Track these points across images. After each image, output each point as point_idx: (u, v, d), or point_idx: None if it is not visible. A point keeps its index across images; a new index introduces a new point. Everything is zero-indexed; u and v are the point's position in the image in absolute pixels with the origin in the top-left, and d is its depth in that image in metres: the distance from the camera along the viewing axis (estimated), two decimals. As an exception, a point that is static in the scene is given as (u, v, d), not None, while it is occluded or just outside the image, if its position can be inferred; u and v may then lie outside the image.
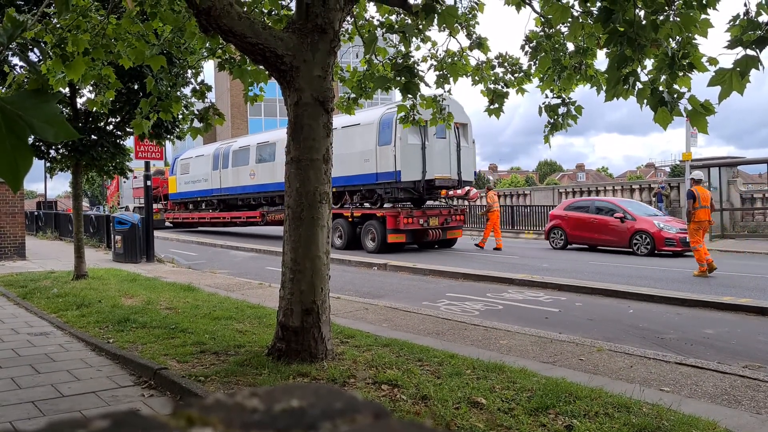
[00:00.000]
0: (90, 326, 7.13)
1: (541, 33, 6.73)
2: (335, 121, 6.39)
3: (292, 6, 6.61)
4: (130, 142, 12.65)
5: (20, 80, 6.34)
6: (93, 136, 10.49)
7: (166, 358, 5.56)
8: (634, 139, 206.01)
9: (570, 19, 5.51)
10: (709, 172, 24.38)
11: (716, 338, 6.97)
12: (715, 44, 4.49)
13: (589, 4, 5.20)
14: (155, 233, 16.16)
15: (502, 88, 7.60)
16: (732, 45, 3.76)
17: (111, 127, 10.88)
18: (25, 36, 5.80)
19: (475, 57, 7.72)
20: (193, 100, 8.05)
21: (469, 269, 12.59)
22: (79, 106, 10.51)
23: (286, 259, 5.46)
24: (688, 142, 23.51)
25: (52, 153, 10.79)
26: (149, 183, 15.80)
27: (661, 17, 4.23)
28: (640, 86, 4.44)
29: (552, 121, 6.87)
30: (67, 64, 6.25)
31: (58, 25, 6.40)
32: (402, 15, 7.36)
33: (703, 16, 4.31)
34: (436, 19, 5.60)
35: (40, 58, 6.43)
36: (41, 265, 14.13)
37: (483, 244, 17.95)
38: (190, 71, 8.61)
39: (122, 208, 35.63)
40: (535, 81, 7.44)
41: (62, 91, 9.45)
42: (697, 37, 4.38)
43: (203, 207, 26.63)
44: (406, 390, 4.54)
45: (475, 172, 19.55)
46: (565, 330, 7.24)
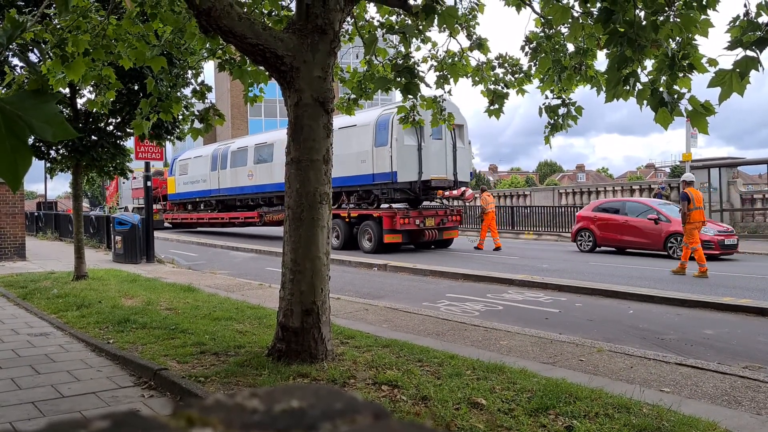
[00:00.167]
0: (90, 327, 7.13)
1: (542, 34, 6.73)
2: (332, 122, 6.39)
3: (293, 7, 6.62)
4: (130, 143, 12.67)
5: (20, 81, 6.34)
6: (93, 137, 10.49)
7: (166, 359, 5.56)
8: (635, 139, 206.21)
9: (570, 20, 5.50)
10: (709, 173, 24.38)
11: (716, 339, 6.97)
12: (716, 45, 4.49)
13: (589, 5, 5.19)
14: (155, 234, 16.17)
15: (503, 88, 7.60)
16: (732, 46, 3.76)
17: (111, 128, 10.88)
18: (25, 36, 5.81)
19: (476, 58, 7.72)
20: (194, 100, 8.06)
21: (469, 270, 12.59)
22: (79, 106, 10.51)
23: (286, 259, 5.46)
24: (688, 142, 23.53)
25: (53, 153, 10.79)
26: (149, 183, 15.81)
27: (662, 18, 4.23)
28: (640, 87, 4.44)
29: (552, 122, 6.86)
30: (67, 65, 6.25)
31: (58, 26, 6.40)
32: (402, 16, 7.36)
33: (703, 17, 4.31)
34: (436, 20, 5.60)
35: (40, 58, 6.43)
36: (41, 266, 14.14)
37: (482, 246, 18.00)
38: (190, 72, 8.61)
39: (121, 209, 35.64)
40: (536, 82, 7.44)
41: (62, 91, 9.45)
42: (697, 37, 4.38)
43: (202, 208, 26.68)
44: (406, 391, 4.54)
45: (471, 173, 19.57)
46: (565, 331, 7.24)
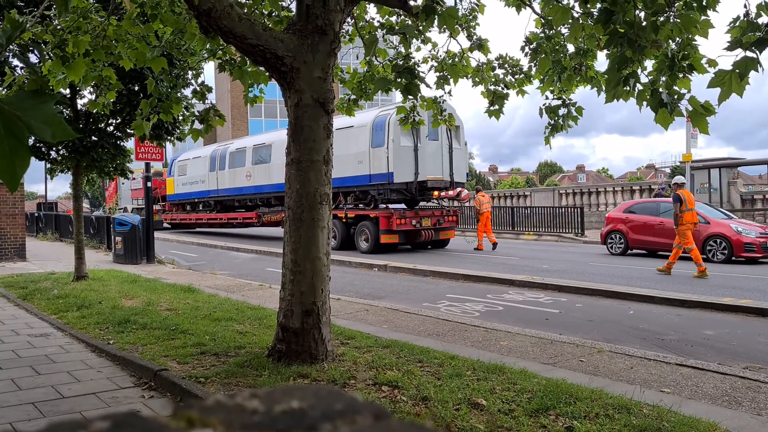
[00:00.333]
0: (90, 327, 7.13)
1: (542, 34, 6.73)
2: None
3: (293, 7, 6.62)
4: (130, 144, 12.68)
5: (21, 82, 6.35)
6: (93, 137, 10.49)
7: (167, 360, 5.56)
8: (635, 140, 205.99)
9: (570, 21, 5.50)
10: (709, 174, 24.39)
11: (716, 339, 6.96)
12: (716, 46, 4.49)
13: (589, 6, 5.19)
14: (154, 234, 16.17)
15: (503, 89, 7.60)
16: (732, 47, 3.75)
17: (111, 129, 10.88)
18: (24, 37, 5.82)
19: (476, 58, 7.72)
20: (194, 101, 8.06)
21: (470, 270, 12.59)
22: (79, 107, 10.52)
23: (287, 260, 5.45)
24: (688, 143, 23.52)
25: (53, 154, 10.79)
26: (150, 184, 15.81)
27: (662, 18, 4.23)
28: (640, 87, 4.44)
29: (552, 123, 6.86)
30: (68, 66, 6.26)
31: (58, 27, 6.40)
32: (402, 16, 7.37)
33: (703, 18, 4.31)
34: (436, 21, 5.60)
35: (40, 59, 6.43)
36: (41, 267, 14.14)
37: (482, 246, 18.03)
38: (190, 72, 8.60)
39: (120, 209, 35.64)
40: (536, 82, 7.43)
41: (63, 92, 9.45)
42: (697, 38, 4.38)
43: (200, 208, 26.74)
44: (407, 391, 4.54)
45: (467, 174, 19.62)
46: (566, 331, 7.24)
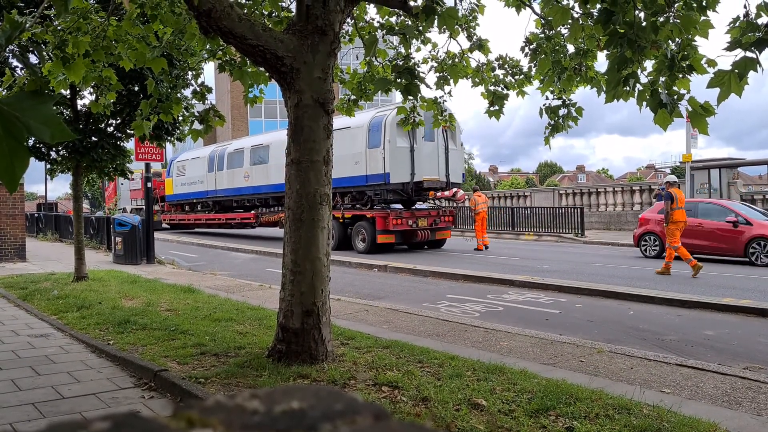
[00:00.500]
0: (90, 328, 7.13)
1: (542, 35, 6.73)
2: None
3: (293, 8, 6.62)
4: (130, 144, 12.69)
5: (21, 82, 6.34)
6: (93, 138, 10.49)
7: (167, 360, 5.56)
8: (635, 140, 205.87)
9: (570, 21, 5.50)
10: (709, 174, 24.40)
11: (717, 340, 6.96)
12: (715, 46, 4.49)
13: (589, 6, 5.19)
14: (154, 234, 16.17)
15: (503, 89, 7.60)
16: (731, 47, 3.75)
17: (111, 129, 10.89)
18: (23, 37, 5.82)
19: (476, 59, 7.72)
20: (194, 101, 8.06)
21: (470, 271, 12.59)
22: (79, 107, 10.52)
23: (287, 260, 5.45)
24: (688, 143, 23.53)
25: (53, 155, 10.79)
26: (150, 185, 15.82)
27: (661, 19, 4.23)
28: (640, 88, 4.44)
29: (552, 123, 6.86)
30: (68, 66, 6.26)
31: (58, 27, 6.40)
32: (402, 17, 7.36)
33: (703, 18, 4.31)
34: (436, 21, 5.60)
35: (40, 60, 6.43)
36: (41, 267, 14.13)
37: (481, 247, 18.03)
38: (190, 73, 8.60)
39: (120, 210, 35.65)
40: (536, 83, 7.43)
41: (63, 92, 9.45)
42: (697, 38, 4.38)
43: (199, 209, 26.82)
44: (407, 391, 4.54)
45: (464, 174, 19.67)
46: (566, 331, 7.24)
